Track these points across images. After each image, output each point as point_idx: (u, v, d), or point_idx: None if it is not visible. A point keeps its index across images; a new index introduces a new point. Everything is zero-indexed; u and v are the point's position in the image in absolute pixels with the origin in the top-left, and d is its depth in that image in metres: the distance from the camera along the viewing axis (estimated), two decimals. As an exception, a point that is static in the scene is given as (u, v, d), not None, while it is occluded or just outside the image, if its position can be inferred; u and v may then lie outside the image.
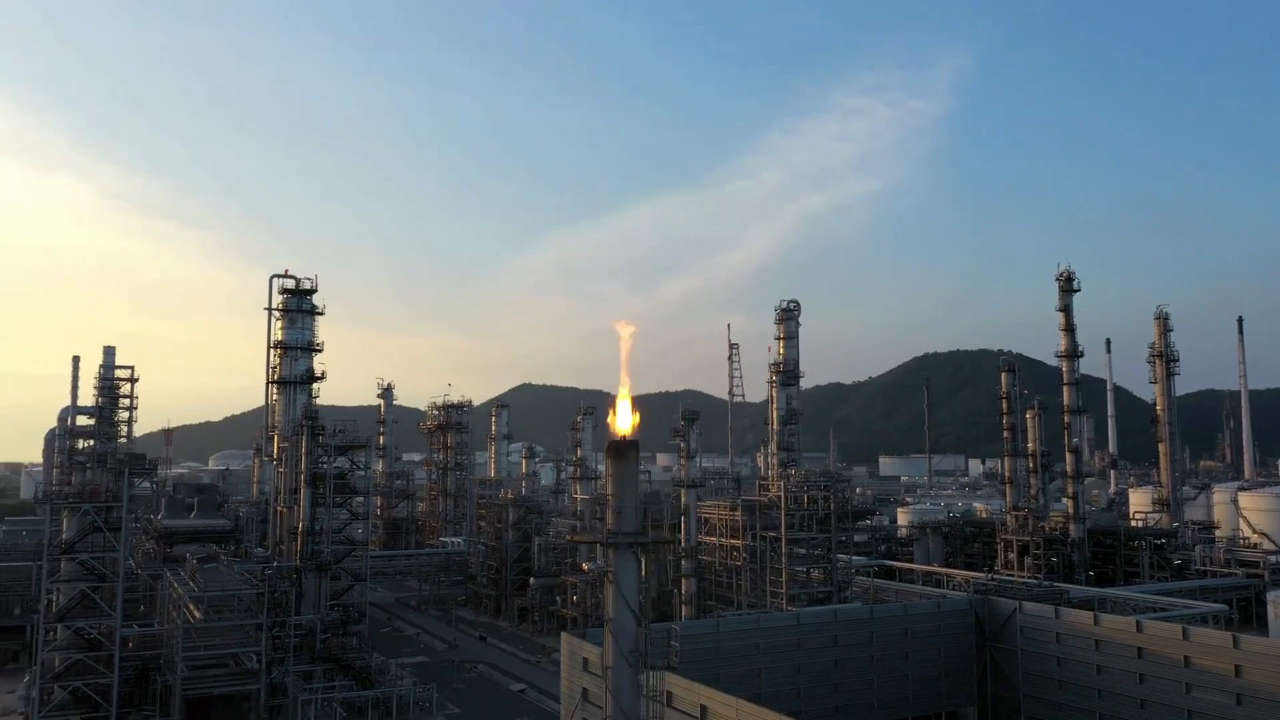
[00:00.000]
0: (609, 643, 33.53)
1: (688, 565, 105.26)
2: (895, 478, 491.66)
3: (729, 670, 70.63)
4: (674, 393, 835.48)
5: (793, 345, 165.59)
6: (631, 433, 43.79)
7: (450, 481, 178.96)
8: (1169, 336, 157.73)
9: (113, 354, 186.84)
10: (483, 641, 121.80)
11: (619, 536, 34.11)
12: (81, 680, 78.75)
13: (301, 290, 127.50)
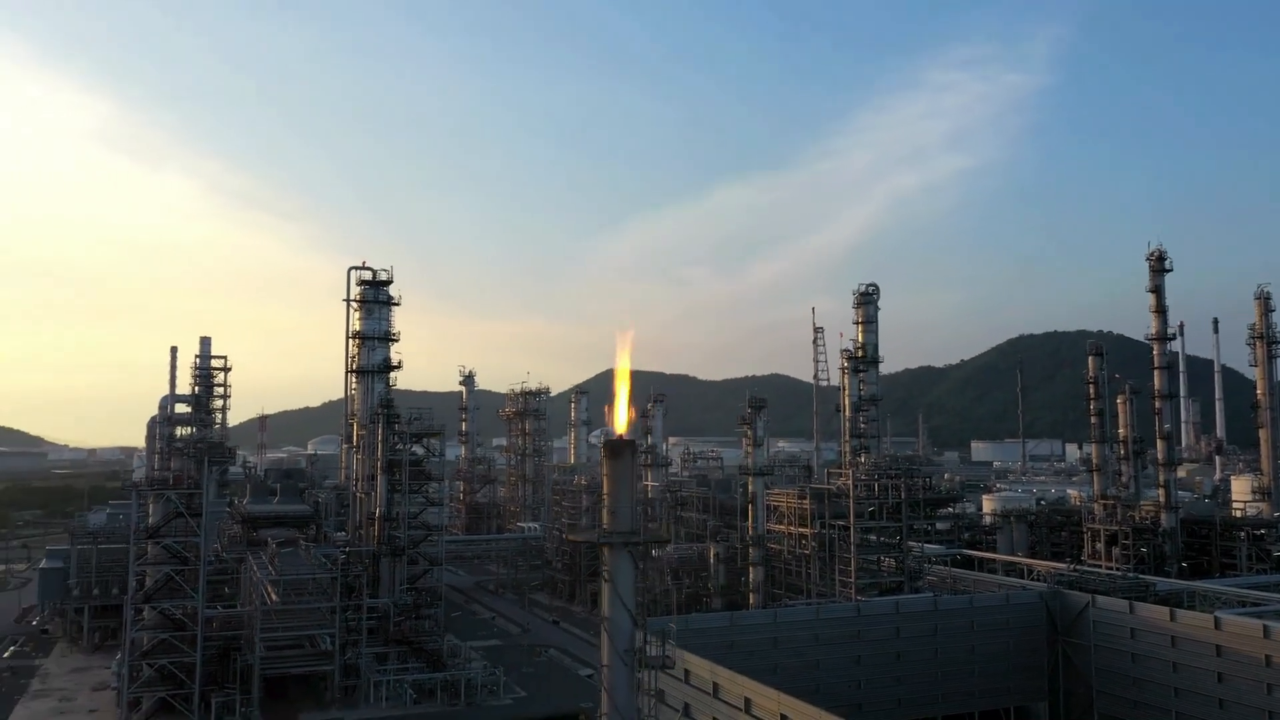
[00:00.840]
0: (605, 641, 33.62)
1: (755, 553, 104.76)
2: (987, 463, 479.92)
3: (787, 661, 70.11)
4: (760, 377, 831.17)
5: (871, 330, 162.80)
6: (627, 432, 43.61)
7: (529, 467, 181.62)
8: (1270, 317, 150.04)
9: (209, 344, 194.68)
10: (555, 626, 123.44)
11: (613, 536, 34.06)
12: (167, 658, 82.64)
13: (378, 281, 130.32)
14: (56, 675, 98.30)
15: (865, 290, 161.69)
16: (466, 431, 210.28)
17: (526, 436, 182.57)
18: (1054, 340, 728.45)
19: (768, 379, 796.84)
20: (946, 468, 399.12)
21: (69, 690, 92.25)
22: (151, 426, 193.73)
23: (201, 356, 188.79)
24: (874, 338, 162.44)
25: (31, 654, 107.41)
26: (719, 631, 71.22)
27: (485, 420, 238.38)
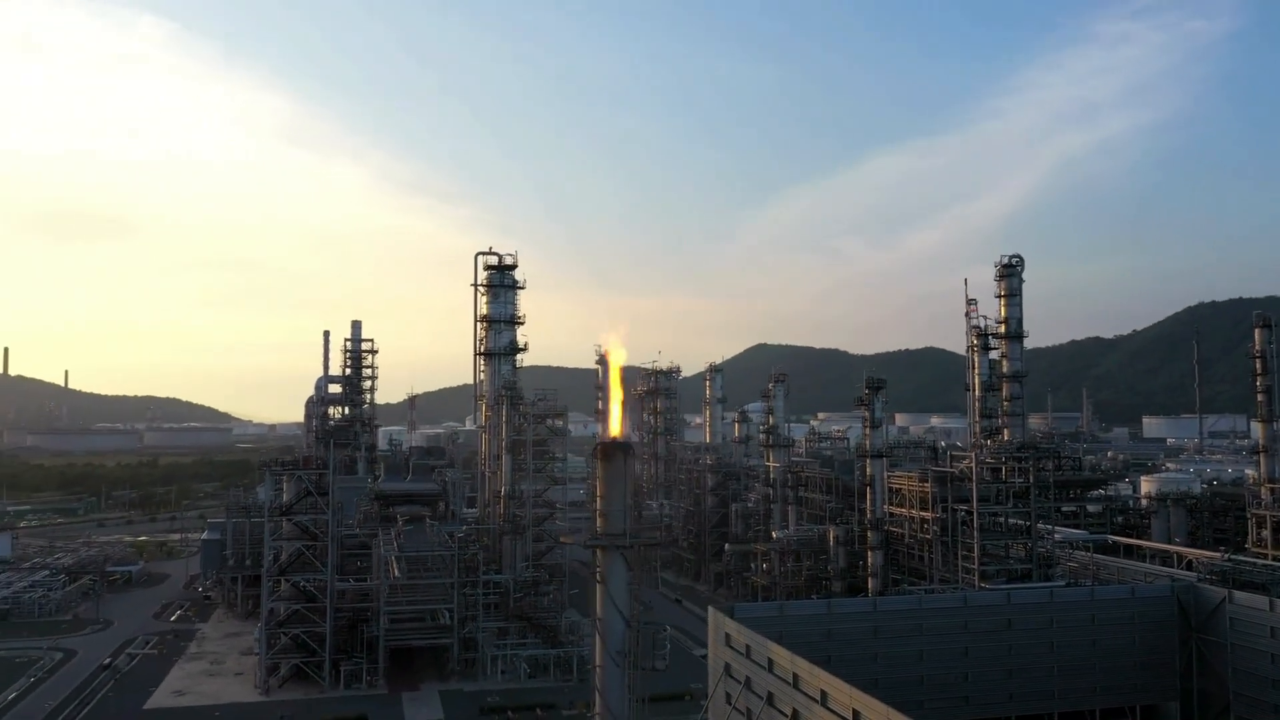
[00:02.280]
0: (598, 642, 33.51)
1: (873, 537, 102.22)
2: (1160, 440, 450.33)
3: (888, 650, 68.24)
4: (914, 350, 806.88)
5: (1015, 303, 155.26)
6: (621, 435, 43.05)
7: (660, 446, 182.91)
8: None
9: (359, 328, 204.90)
10: (677, 605, 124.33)
11: (606, 539, 33.80)
12: (300, 628, 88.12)
13: (503, 266, 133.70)
14: (212, 639, 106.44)
15: (1008, 262, 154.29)
16: (602, 410, 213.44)
17: (657, 415, 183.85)
18: (1238, 308, 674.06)
19: (922, 352, 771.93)
20: (1112, 445, 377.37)
21: (220, 654, 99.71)
22: (309, 406, 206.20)
23: (353, 340, 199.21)
24: (1018, 311, 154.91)
25: (193, 619, 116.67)
26: (817, 619, 70.01)
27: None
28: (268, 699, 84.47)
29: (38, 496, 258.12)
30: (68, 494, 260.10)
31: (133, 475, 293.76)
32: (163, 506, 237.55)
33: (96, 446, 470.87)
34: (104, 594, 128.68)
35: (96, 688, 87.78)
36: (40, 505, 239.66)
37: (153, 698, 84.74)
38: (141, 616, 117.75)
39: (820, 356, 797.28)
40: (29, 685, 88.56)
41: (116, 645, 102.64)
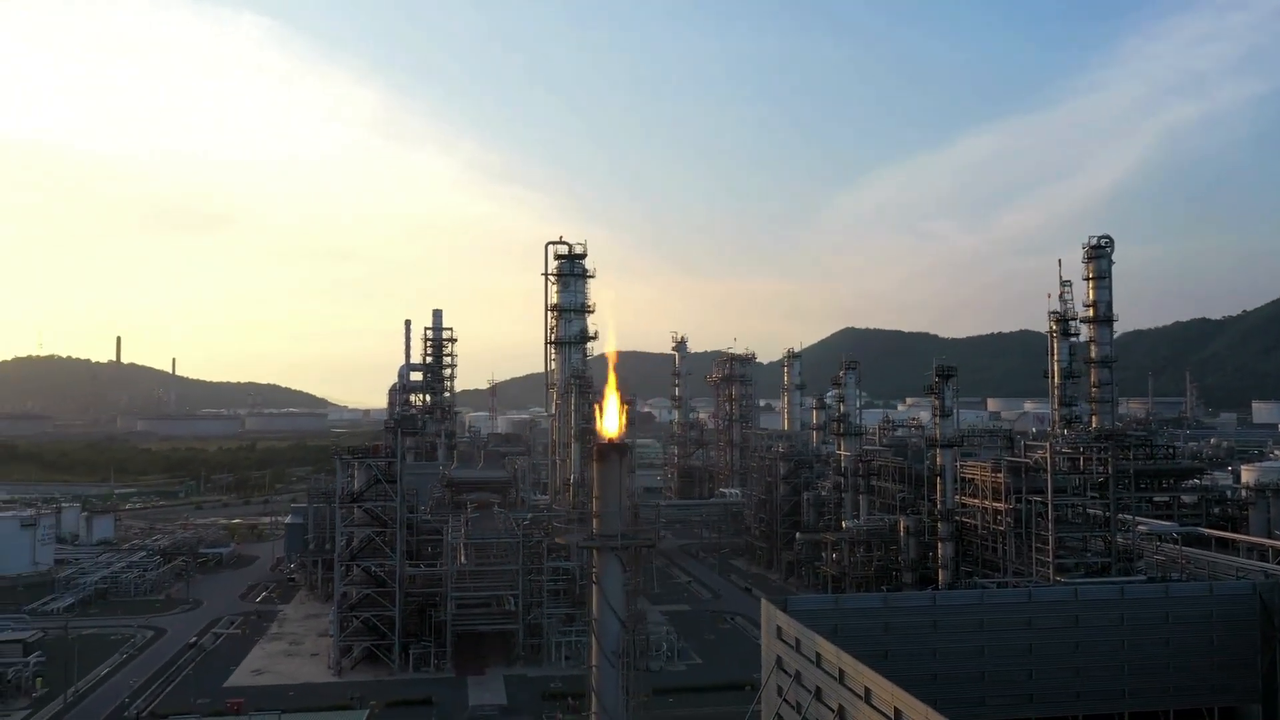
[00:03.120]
0: (593, 643, 33.53)
1: (943, 528, 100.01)
2: (1270, 426, 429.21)
3: (947, 646, 66.78)
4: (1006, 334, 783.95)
5: (1104, 286, 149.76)
6: (618, 436, 42.80)
7: (735, 433, 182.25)
8: None
9: (440, 316, 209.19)
10: (747, 593, 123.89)
11: (601, 539, 33.74)
12: (370, 612, 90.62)
13: (573, 255, 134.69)
14: (292, 620, 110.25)
15: (1096, 243, 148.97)
16: (679, 396, 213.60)
17: (732, 402, 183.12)
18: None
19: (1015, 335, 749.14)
20: (1218, 432, 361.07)
21: (299, 635, 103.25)
22: (392, 393, 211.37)
23: (434, 329, 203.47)
24: (1107, 294, 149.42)
25: (276, 600, 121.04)
26: (874, 613, 68.92)
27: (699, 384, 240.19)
28: (340, 680, 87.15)
29: (144, 479, 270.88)
30: (171, 477, 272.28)
31: (231, 459, 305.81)
32: (257, 490, 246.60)
33: (201, 431, 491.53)
34: (196, 575, 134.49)
35: (182, 665, 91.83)
36: (145, 488, 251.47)
37: (233, 676, 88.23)
38: (229, 597, 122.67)
39: (909, 340, 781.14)
40: (121, 662, 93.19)
41: (203, 625, 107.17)
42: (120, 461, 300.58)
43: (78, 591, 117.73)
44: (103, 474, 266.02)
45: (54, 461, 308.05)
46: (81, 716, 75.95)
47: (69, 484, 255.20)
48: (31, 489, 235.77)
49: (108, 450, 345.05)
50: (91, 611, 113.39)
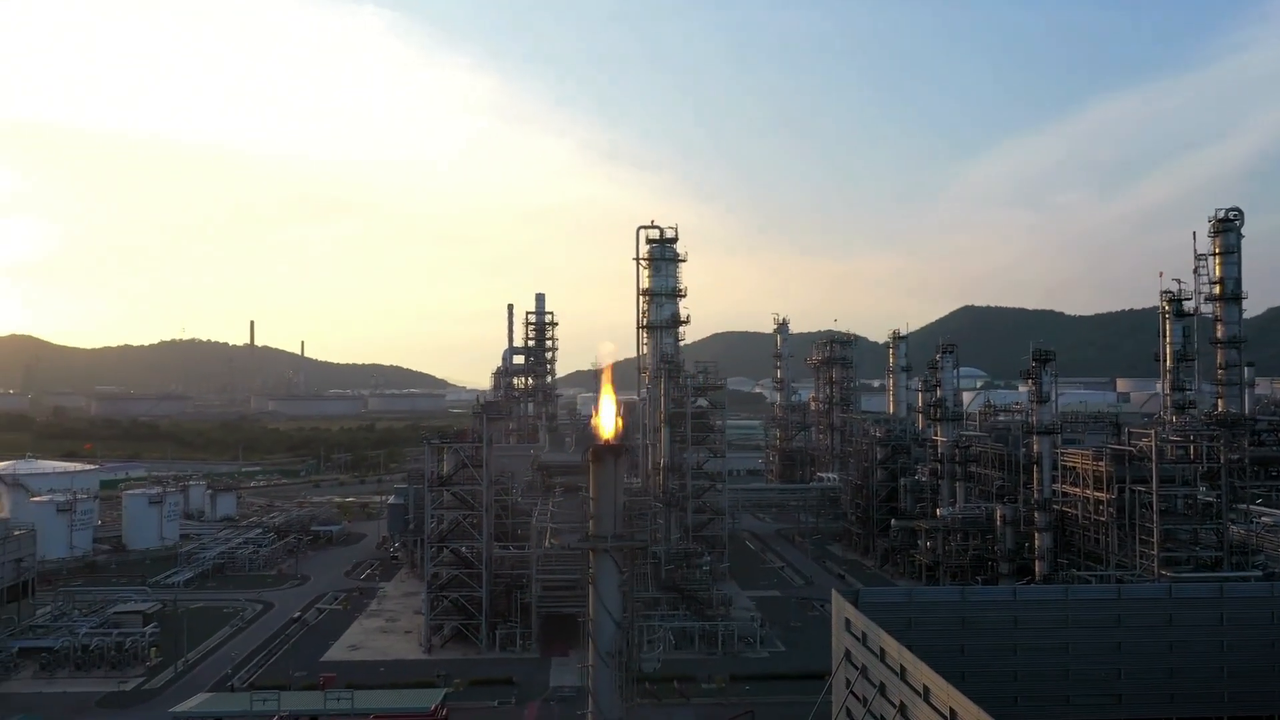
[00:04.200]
0: (590, 643, 33.43)
1: (1040, 518, 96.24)
2: None
3: (1028, 642, 64.69)
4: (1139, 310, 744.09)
5: (1232, 262, 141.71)
6: (614, 437, 42.16)
7: (836, 416, 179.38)
8: None
9: (543, 300, 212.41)
10: (840, 580, 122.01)
11: (596, 541, 33.52)
12: (458, 592, 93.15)
13: (665, 240, 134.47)
14: (392, 598, 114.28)
15: (1225, 216, 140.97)
16: (781, 378, 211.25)
17: (833, 385, 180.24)
18: None
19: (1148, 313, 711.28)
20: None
21: (396, 612, 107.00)
22: (496, 376, 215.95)
23: (536, 312, 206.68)
24: (1235, 271, 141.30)
25: (378, 578, 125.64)
26: (950, 606, 67.18)
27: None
28: (429, 657, 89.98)
29: (269, 458, 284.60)
30: (294, 456, 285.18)
31: (351, 439, 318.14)
32: (372, 469, 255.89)
33: (326, 411, 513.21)
34: (307, 551, 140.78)
35: (286, 638, 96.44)
36: (269, 466, 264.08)
37: (330, 650, 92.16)
38: (335, 574, 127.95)
39: (1033, 318, 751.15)
40: (230, 633, 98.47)
41: (308, 600, 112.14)
42: (249, 440, 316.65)
43: (197, 566, 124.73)
44: (232, 452, 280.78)
45: (190, 440, 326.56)
46: (189, 685, 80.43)
47: (202, 462, 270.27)
48: (168, 466, 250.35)
49: (238, 429, 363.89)
50: (209, 585, 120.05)
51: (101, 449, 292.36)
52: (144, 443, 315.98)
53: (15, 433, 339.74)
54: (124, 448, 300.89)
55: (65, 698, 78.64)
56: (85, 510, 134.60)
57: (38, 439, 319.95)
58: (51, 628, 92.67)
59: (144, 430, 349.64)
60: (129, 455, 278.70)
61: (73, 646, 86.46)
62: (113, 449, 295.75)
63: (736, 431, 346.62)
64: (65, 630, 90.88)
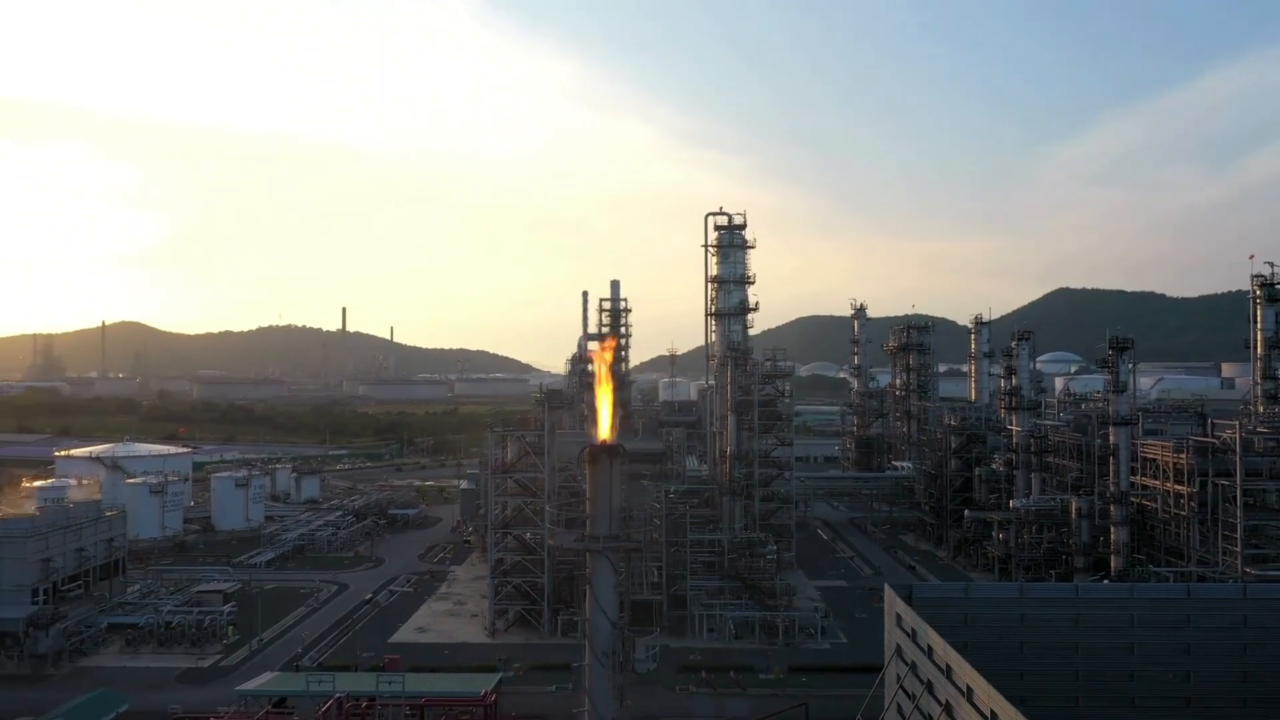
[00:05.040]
0: (586, 643, 33.28)
1: (1116, 512, 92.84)
2: None
3: (1092, 642, 62.63)
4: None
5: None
6: (610, 438, 41.57)
7: (913, 403, 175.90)
8: None
9: (618, 287, 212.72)
10: (910, 571, 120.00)
11: (592, 541, 33.35)
12: (521, 578, 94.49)
13: (733, 226, 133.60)
14: (461, 581, 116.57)
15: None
16: (858, 364, 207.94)
17: (910, 371, 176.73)
18: None
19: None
20: None
21: (464, 596, 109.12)
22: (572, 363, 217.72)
23: (611, 299, 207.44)
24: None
25: (449, 561, 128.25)
26: (1009, 603, 65.43)
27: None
28: (493, 641, 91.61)
29: (356, 441, 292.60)
30: (380, 440, 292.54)
31: (435, 423, 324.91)
32: (453, 453, 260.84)
33: (413, 395, 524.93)
34: (384, 534, 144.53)
35: (357, 619, 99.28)
36: (355, 450, 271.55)
37: (398, 632, 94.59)
38: (409, 556, 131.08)
39: (1132, 301, 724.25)
40: (305, 613, 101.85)
41: (381, 582, 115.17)
42: (337, 424, 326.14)
43: (278, 547, 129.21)
44: (321, 436, 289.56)
45: (282, 424, 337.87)
46: (261, 664, 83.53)
47: (292, 445, 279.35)
48: (260, 449, 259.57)
49: (329, 413, 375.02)
50: (289, 566, 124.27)
51: (200, 432, 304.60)
52: (240, 426, 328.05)
53: (124, 415, 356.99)
54: (221, 431, 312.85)
55: (147, 672, 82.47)
56: (176, 492, 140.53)
57: (143, 421, 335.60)
58: (139, 605, 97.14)
59: (240, 414, 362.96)
60: (225, 438, 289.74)
61: (156, 623, 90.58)
62: (210, 432, 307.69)
63: (817, 418, 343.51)
64: (151, 608, 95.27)
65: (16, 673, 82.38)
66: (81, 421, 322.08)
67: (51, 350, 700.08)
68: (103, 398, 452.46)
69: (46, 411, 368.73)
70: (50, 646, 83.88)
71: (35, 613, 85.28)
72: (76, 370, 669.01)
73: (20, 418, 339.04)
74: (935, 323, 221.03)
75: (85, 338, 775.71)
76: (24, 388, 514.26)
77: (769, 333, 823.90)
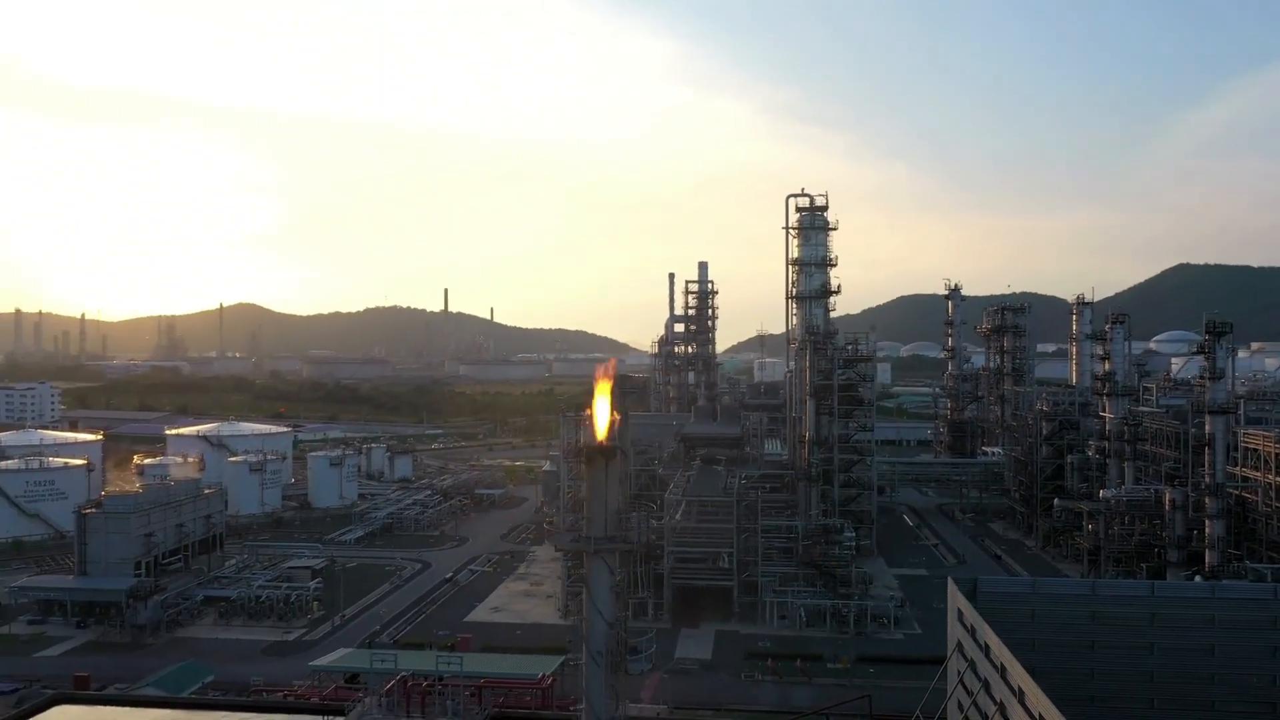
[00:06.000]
0: (583, 643, 33.23)
1: (1212, 505, 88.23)
2: None
3: (1169, 642, 60.08)
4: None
5: None
6: (607, 439, 40.93)
7: (1007, 387, 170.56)
8: None
9: (705, 269, 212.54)
10: (996, 561, 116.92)
11: (588, 542, 33.20)
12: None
13: (815, 207, 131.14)
14: (540, 561, 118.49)
15: None
16: (952, 346, 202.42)
17: (1004, 354, 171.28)
18: None
19: None
20: None
21: (541, 576, 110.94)
22: (659, 344, 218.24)
23: (699, 281, 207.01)
24: None
25: (529, 542, 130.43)
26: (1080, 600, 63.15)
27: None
28: (565, 622, 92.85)
29: (453, 421, 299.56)
30: (476, 420, 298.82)
31: (529, 404, 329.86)
32: (545, 434, 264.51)
33: (511, 375, 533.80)
34: (470, 514, 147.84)
35: (437, 597, 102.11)
36: (450, 429, 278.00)
37: (475, 611, 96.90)
38: (492, 536, 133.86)
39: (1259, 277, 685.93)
40: (388, 590, 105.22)
41: (463, 561, 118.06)
42: (435, 404, 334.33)
43: (368, 525, 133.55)
44: (419, 415, 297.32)
45: (383, 403, 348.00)
46: (342, 639, 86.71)
47: (391, 424, 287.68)
48: (361, 428, 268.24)
49: (429, 393, 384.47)
50: (376, 543, 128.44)
51: (306, 410, 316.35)
52: (343, 405, 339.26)
53: (239, 394, 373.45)
54: (326, 409, 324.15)
55: (236, 644, 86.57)
56: (274, 470, 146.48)
57: (255, 400, 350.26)
58: (233, 579, 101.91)
59: (344, 393, 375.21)
60: (328, 417, 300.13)
61: (247, 597, 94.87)
62: (316, 410, 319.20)
63: (914, 400, 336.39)
64: (243, 582, 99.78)
65: (119, 641, 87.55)
66: (199, 400, 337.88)
67: (174, 331, 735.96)
68: (220, 376, 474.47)
69: (168, 390, 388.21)
70: (149, 617, 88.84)
71: (135, 585, 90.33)
72: (197, 350, 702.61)
73: (143, 396, 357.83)
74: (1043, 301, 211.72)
75: (205, 319, 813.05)
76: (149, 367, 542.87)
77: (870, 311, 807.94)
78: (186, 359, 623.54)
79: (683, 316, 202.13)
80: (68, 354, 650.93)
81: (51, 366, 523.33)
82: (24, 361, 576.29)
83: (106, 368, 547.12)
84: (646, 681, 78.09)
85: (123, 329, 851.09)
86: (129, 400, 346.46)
